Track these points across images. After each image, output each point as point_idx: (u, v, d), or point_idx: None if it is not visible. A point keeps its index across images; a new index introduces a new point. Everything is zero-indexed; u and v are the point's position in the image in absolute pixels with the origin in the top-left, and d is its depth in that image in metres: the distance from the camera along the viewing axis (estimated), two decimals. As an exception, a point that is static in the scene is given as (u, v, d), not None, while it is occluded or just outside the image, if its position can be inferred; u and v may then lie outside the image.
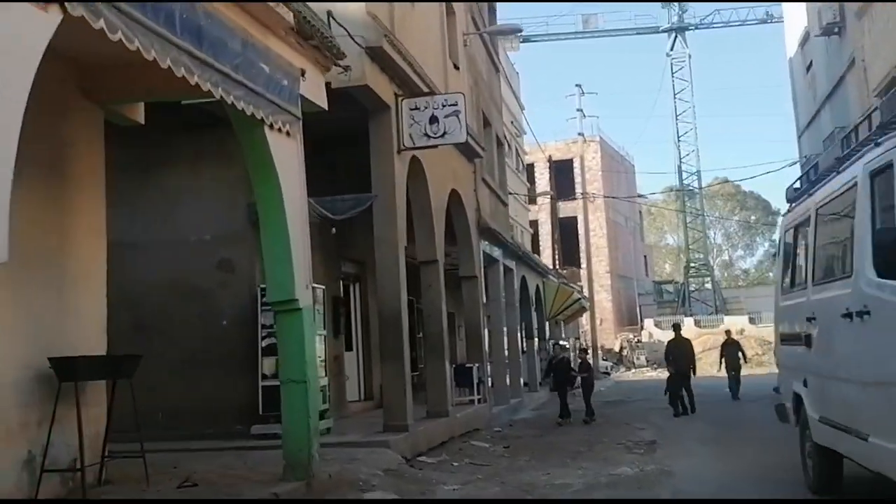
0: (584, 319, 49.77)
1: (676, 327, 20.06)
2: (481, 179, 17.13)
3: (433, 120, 10.98)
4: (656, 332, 46.92)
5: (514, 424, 16.17)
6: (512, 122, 32.47)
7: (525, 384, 25.10)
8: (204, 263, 11.10)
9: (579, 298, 27.46)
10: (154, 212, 11.14)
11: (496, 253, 18.25)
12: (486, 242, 17.15)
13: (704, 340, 46.98)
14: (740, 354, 21.56)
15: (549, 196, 36.27)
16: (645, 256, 65.92)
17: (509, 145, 31.49)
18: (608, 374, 38.90)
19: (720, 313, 47.53)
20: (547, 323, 27.94)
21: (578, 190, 48.82)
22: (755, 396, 21.32)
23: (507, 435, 14.15)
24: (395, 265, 10.83)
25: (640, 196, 67.25)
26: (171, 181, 11.19)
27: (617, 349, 46.05)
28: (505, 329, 18.64)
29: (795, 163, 23.98)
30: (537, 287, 25.52)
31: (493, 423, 15.65)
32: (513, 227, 30.28)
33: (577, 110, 38.58)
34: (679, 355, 18.51)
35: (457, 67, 14.99)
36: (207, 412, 10.96)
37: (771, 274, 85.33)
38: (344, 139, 11.95)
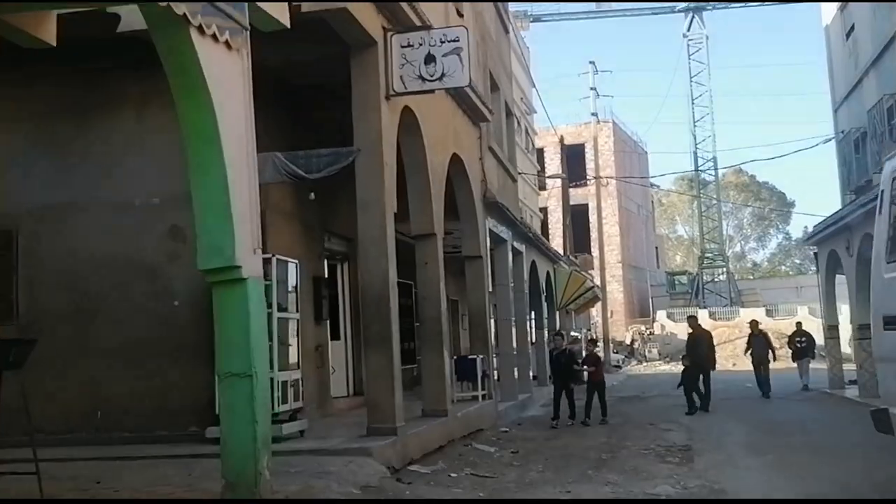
0: (596, 311, 47.91)
1: (693, 319, 18.11)
2: (488, 148, 15.23)
3: (429, 59, 9.06)
4: (669, 325, 45.00)
5: (522, 423, 14.30)
6: (522, 99, 30.53)
7: (534, 378, 23.27)
8: (152, 231, 9.25)
9: (592, 287, 25.57)
10: (92, 168, 9.28)
11: (504, 233, 16.37)
12: (493, 220, 15.26)
13: (720, 333, 44.99)
14: (769, 349, 19.43)
15: (560, 179, 34.16)
16: (656, 248, 63.92)
17: (519, 122, 29.56)
18: (619, 367, 37.02)
19: (735, 305, 45.53)
20: (557, 313, 26.05)
21: (590, 175, 46.89)
22: (782, 393, 19.52)
23: (515, 436, 12.29)
24: (382, 234, 8.96)
25: (653, 186, 65.33)
26: (114, 131, 9.33)
27: (628, 342, 44.13)
28: (513, 318, 16.74)
29: (831, 139, 22.06)
30: (548, 274, 23.63)
31: (499, 421, 13.80)
32: (522, 211, 28.38)
33: (591, 89, 36.55)
34: (700, 348, 16.75)
35: (460, 14, 13.06)
36: (157, 411, 9.15)
37: (784, 267, 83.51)
38: (329, 93, 10.09)
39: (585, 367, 14.23)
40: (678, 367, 37.37)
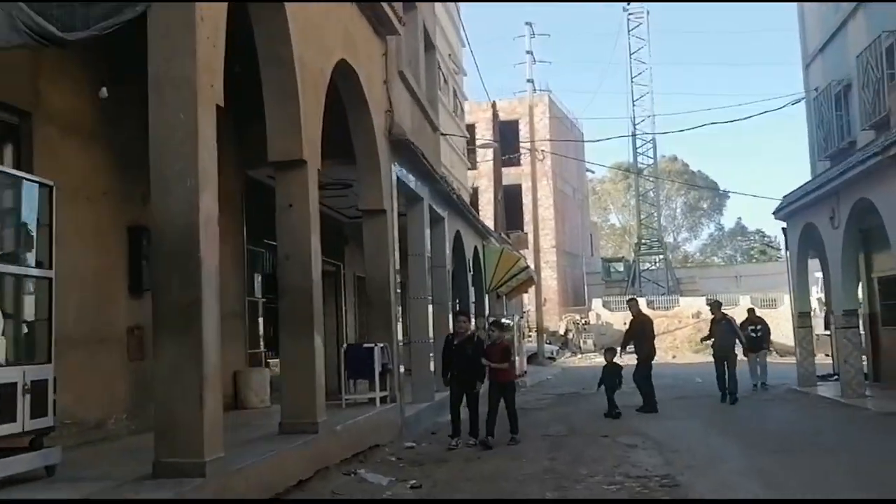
0: (529, 298, 44.93)
1: (634, 303, 15.09)
2: (398, 72, 11.64)
3: None
4: (605, 314, 42.28)
5: (437, 433, 10.78)
6: (450, 56, 27.04)
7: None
8: None
9: (526, 267, 22.33)
10: None
11: (419, 188, 12.85)
12: (403, 169, 11.72)
13: (659, 324, 42.49)
14: (737, 338, 16.00)
15: (492, 150, 30.81)
16: (591, 235, 61.44)
17: (446, 80, 26.06)
18: (553, 359, 34.00)
19: (674, 294, 43.09)
20: (487, 297, 22.71)
21: (524, 147, 43.80)
22: (739, 393, 16.64)
23: (423, 456, 8.79)
24: (189, 137, 5.31)
25: (589, 171, 62.79)
26: None
27: (562, 332, 41.23)
28: (430, 297, 13.23)
29: (801, 100, 19.19)
30: (476, 250, 20.24)
31: (405, 432, 10.31)
32: (449, 182, 24.91)
33: (527, 52, 33.13)
34: (642, 338, 14.47)
35: None
36: None
37: (716, 258, 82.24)
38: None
39: (490, 362, 9.73)
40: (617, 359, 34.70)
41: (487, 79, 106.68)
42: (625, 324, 40.56)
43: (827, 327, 19.21)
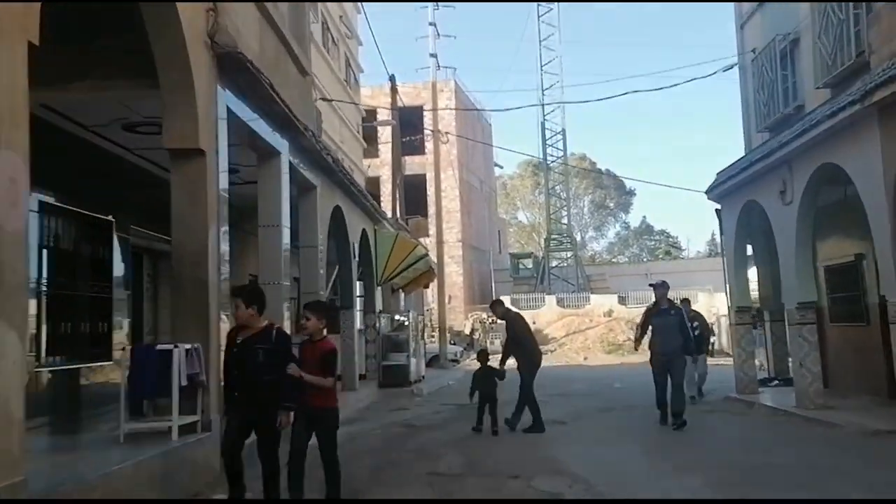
0: (432, 294, 42.04)
1: (499, 305, 12.10)
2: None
3: None
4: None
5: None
6: (341, 18, 23.82)
7: (362, 377, 16.82)
8: None
9: (425, 255, 19.36)
10: None
11: (274, 138, 9.64)
12: (245, 105, 8.49)
13: (568, 322, 40.46)
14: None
15: (390, 128, 27.76)
16: (499, 231, 59.13)
17: (336, 42, 22.82)
18: (457, 361, 31.13)
19: (584, 292, 40.99)
20: (380, 290, 19.62)
21: (430, 149, 40.90)
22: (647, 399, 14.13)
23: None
24: None
25: (497, 165, 60.47)
26: None
27: (468, 331, 38.50)
28: (282, 282, 10.01)
29: (733, 66, 16.83)
30: (364, 233, 17.12)
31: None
32: (343, 163, 21.67)
33: (430, 24, 30.09)
34: (516, 343, 11.52)
35: None
36: None
37: (621, 257, 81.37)
38: None
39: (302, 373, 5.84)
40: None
41: (388, 58, 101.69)
42: (534, 322, 38.13)
43: (756, 326, 16.84)
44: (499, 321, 34.12)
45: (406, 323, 19.47)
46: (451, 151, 42.64)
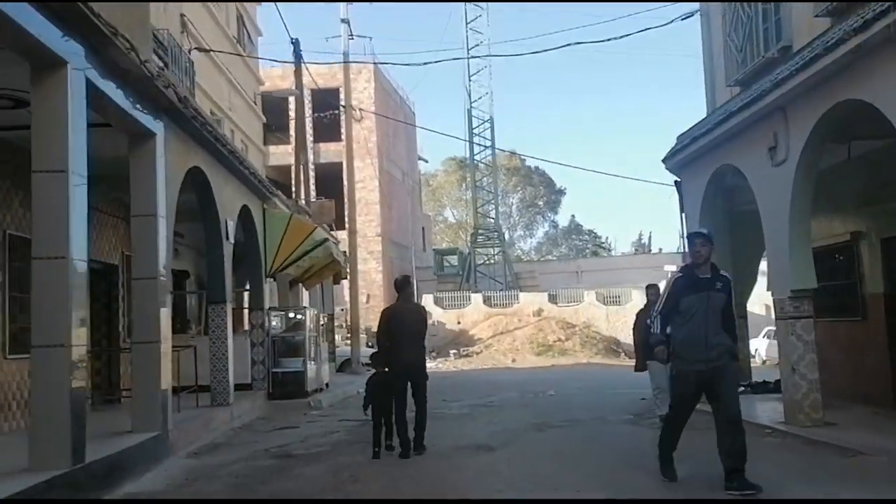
0: (346, 290, 38.68)
1: (402, 283, 9.10)
2: None
3: None
4: (436, 312, 36.75)
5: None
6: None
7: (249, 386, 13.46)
8: None
9: (325, 240, 16.05)
10: None
11: (58, 42, 6.31)
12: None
13: (496, 322, 37.60)
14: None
15: (292, 96, 24.44)
16: (423, 228, 56.08)
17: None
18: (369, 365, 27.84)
19: (513, 290, 38.25)
20: (270, 282, 16.29)
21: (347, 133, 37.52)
22: (600, 407, 11.28)
23: None
24: None
25: (421, 159, 57.41)
26: None
27: (387, 333, 35.31)
28: (75, 260, 6.67)
29: (695, 13, 14.15)
30: (247, 212, 13.77)
31: None
32: (221, 122, 18.19)
33: (343, 20, 26.25)
34: (402, 334, 9.06)
35: None
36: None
37: (550, 257, 79.32)
38: None
39: None
40: (446, 365, 28.90)
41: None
42: (458, 322, 35.20)
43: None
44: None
45: (301, 320, 16.18)
46: (371, 139, 39.42)
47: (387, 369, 8.86)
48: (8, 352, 9.27)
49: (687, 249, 7.32)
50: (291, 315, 16.70)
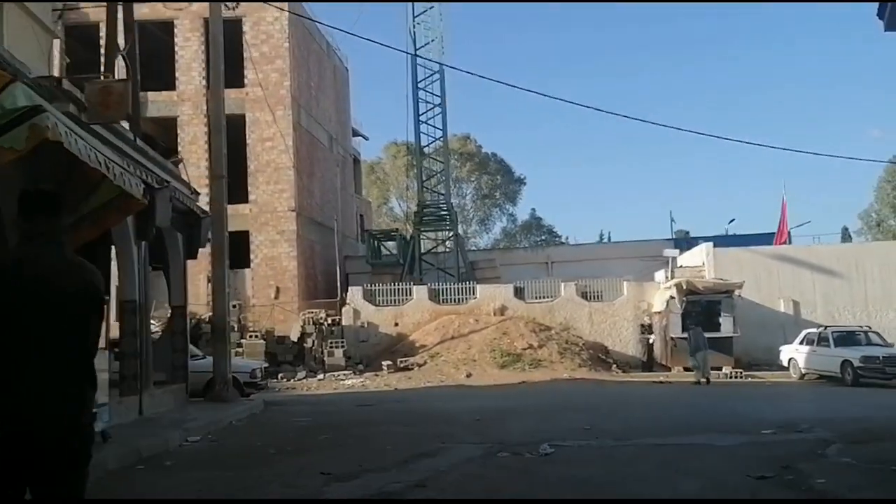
0: (249, 283, 29.32)
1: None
2: None
3: None
4: (366, 310, 27.62)
5: None
6: None
7: None
8: None
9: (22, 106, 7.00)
10: None
11: None
12: None
13: (445, 324, 28.42)
14: None
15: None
16: (362, 216, 47.00)
17: None
18: (257, 385, 18.50)
19: (469, 282, 29.27)
20: None
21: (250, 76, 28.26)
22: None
23: None
24: None
25: (359, 135, 48.29)
26: None
27: (294, 338, 25.98)
28: None
29: None
30: None
31: None
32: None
33: None
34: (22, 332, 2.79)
35: None
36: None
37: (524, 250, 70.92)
38: None
39: None
40: (375, 383, 20.48)
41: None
42: (396, 324, 26.26)
43: None
44: (351, 324, 21.26)
45: None
46: (283, 83, 30.18)
47: None
48: None
49: None
50: None
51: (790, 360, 23.61)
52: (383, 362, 24.74)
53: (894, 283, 27.40)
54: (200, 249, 16.69)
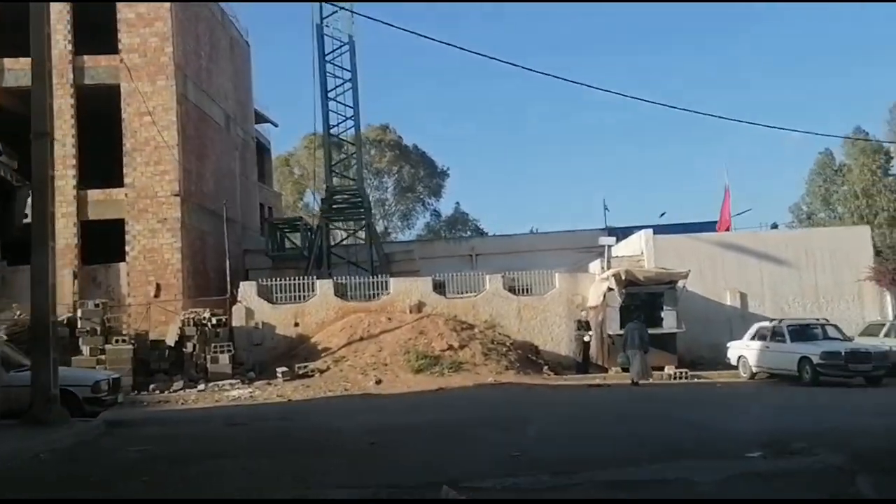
0: (125, 279, 25.19)
1: None
2: None
3: None
4: (261, 309, 23.87)
5: None
6: None
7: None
8: None
9: None
10: None
11: None
12: None
13: (353, 323, 24.75)
14: None
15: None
16: (270, 208, 43.07)
17: None
18: (101, 402, 14.52)
19: (383, 275, 25.78)
20: None
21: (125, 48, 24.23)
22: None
23: None
24: None
25: (267, 121, 44.27)
26: None
27: (171, 342, 21.98)
28: None
29: None
30: None
31: None
32: None
33: None
34: None
35: None
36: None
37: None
38: None
39: None
40: (264, 393, 16.64)
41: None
42: (296, 324, 22.70)
43: None
44: (243, 325, 16.48)
45: None
46: (165, 49, 26.12)
47: None
48: None
49: None
50: None
51: (739, 357, 21.00)
52: (278, 369, 21.04)
53: (846, 271, 25.12)
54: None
